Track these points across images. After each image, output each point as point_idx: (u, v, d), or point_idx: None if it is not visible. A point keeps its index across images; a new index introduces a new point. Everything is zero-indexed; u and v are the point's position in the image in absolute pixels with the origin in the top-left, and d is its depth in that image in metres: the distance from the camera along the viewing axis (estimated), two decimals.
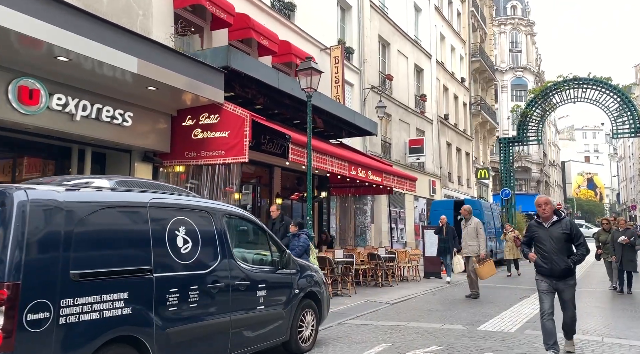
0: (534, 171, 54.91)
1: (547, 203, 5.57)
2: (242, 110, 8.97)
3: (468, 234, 10.64)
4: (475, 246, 10.51)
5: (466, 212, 10.90)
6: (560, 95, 22.79)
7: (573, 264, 5.46)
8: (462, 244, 10.84)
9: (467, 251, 10.64)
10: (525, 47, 59.78)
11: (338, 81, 16.24)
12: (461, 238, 11.00)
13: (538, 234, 5.62)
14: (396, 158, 21.71)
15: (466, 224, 10.83)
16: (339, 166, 10.62)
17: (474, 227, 10.63)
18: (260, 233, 5.66)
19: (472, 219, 10.84)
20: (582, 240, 5.51)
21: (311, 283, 6.12)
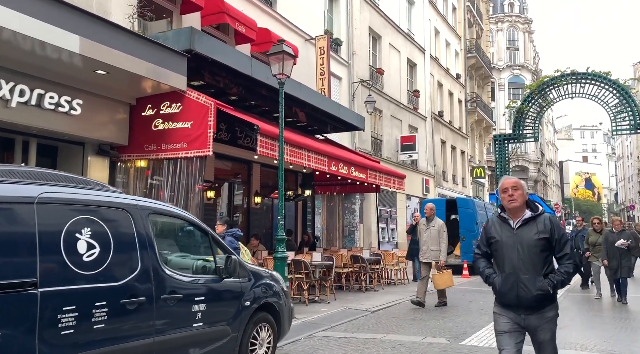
0: (531, 171, 54.17)
1: (516, 187, 3.49)
2: (207, 98, 8.12)
3: (431, 237, 9.31)
4: (437, 251, 9.28)
5: (429, 212, 9.56)
6: (558, 90, 21.97)
7: (553, 287, 3.37)
8: (423, 248, 9.45)
9: (428, 256, 9.35)
10: (522, 45, 59.06)
11: (324, 73, 15.40)
12: (421, 241, 9.60)
13: (499, 239, 3.51)
14: (387, 155, 20.89)
15: (428, 225, 9.45)
16: (317, 161, 9.77)
17: (438, 229, 9.30)
18: (200, 235, 4.81)
19: (436, 220, 9.50)
20: (569, 249, 3.48)
21: (268, 293, 5.28)
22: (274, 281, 5.50)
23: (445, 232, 9.39)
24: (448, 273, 9.53)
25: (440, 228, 9.30)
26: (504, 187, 3.53)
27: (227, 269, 4.63)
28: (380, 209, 19.87)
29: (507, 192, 3.50)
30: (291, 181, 14.87)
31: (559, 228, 3.49)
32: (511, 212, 3.52)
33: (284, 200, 8.43)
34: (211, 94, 10.59)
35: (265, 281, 5.33)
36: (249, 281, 5.03)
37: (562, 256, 3.45)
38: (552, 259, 3.49)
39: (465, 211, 16.19)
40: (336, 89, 17.81)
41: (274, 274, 5.68)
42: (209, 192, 11.20)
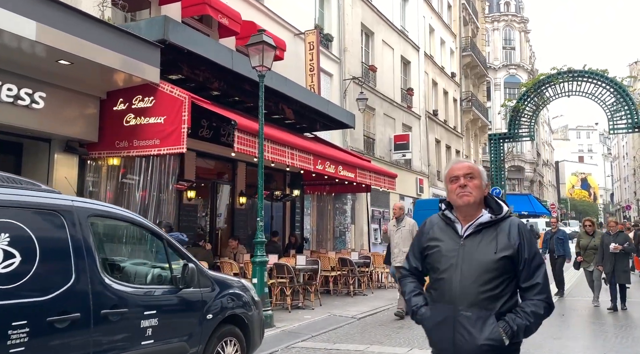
0: (527, 171, 53.82)
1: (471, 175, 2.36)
2: (181, 91, 7.60)
3: (402, 239, 8.39)
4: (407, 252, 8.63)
5: (398, 211, 8.70)
6: (554, 88, 21.50)
7: (511, 336, 2.21)
8: (395, 251, 8.54)
9: (401, 259, 8.20)
10: (518, 44, 58.66)
11: (313, 69, 14.89)
12: (392, 244, 8.72)
13: (438, 250, 2.38)
14: (380, 155, 20.40)
15: (398, 225, 8.57)
16: (301, 159, 9.26)
17: (409, 229, 8.42)
18: (154, 241, 4.29)
19: (406, 219, 8.67)
20: (542, 278, 2.28)
21: (235, 303, 4.77)
22: (243, 290, 4.99)
23: (413, 234, 8.45)
24: None
25: (412, 228, 8.43)
26: (453, 175, 2.38)
27: (183, 279, 4.12)
28: (372, 209, 19.38)
29: (458, 182, 2.34)
30: (279, 181, 14.37)
31: (530, 243, 2.28)
32: (460, 211, 2.36)
33: (263, 200, 7.92)
34: (191, 88, 10.07)
35: (233, 291, 4.82)
36: (212, 291, 4.52)
37: (531, 287, 2.25)
38: (514, 289, 2.30)
39: None
40: (327, 86, 17.31)
41: (244, 282, 5.16)
42: (189, 192, 10.68)
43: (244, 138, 7.71)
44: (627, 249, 9.26)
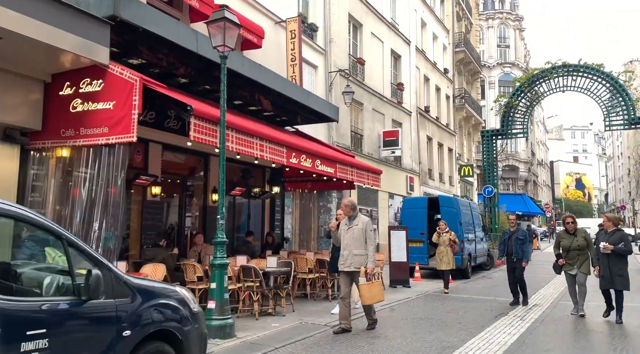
0: (521, 170, 53.23)
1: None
2: (133, 73, 6.78)
3: (353, 239, 7.32)
4: (363, 256, 7.30)
5: (349, 209, 7.51)
6: (549, 83, 20.80)
7: None
8: (344, 253, 7.39)
9: (351, 263, 7.30)
10: (513, 42, 58.09)
11: (295, 59, 14.10)
12: (342, 245, 7.50)
13: None
14: (368, 151, 19.64)
15: (350, 224, 7.44)
16: (272, 151, 8.45)
17: (362, 228, 7.36)
18: (52, 241, 3.48)
19: (359, 218, 7.53)
20: None
21: (165, 316, 3.98)
22: (178, 300, 4.18)
23: (372, 232, 7.48)
24: (377, 285, 7.55)
25: (365, 227, 7.37)
26: None
27: (87, 288, 3.31)
28: (360, 208, 18.61)
29: None
30: (258, 177, 13.58)
31: None
32: None
33: (224, 196, 7.12)
34: (156, 75, 9.26)
35: (164, 301, 4.02)
36: (133, 302, 3.72)
37: None
38: None
39: (448, 210, 14.95)
40: (311, 78, 16.53)
41: (181, 291, 4.34)
42: (153, 189, 9.86)
43: (202, 126, 6.90)
44: (619, 250, 7.92)
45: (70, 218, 6.98)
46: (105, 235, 6.48)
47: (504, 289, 12.95)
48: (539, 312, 9.26)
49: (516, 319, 8.53)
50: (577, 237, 8.67)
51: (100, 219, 6.80)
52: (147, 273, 7.45)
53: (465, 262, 15.09)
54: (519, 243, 9.85)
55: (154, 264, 7.78)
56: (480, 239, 17.29)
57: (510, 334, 7.26)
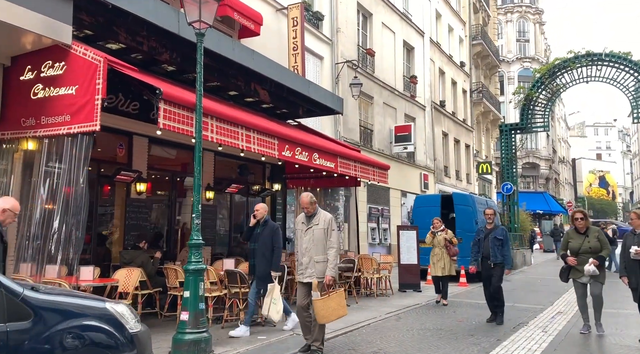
0: (542, 168, 51.51)
1: None
2: (97, 53, 6.01)
3: (314, 242, 5.80)
4: (323, 262, 5.75)
5: (307, 204, 5.94)
6: (571, 74, 19.57)
7: None
8: (303, 260, 5.88)
9: (312, 272, 5.76)
10: (533, 36, 56.37)
11: (297, 48, 13.25)
12: (300, 251, 6.00)
13: None
14: (379, 147, 18.69)
15: (309, 223, 5.92)
16: (261, 142, 7.60)
17: (323, 228, 5.82)
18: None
19: (320, 215, 5.93)
20: None
21: (83, 342, 3.15)
22: (107, 320, 3.35)
23: (335, 231, 5.89)
24: (336, 297, 5.70)
25: (328, 226, 5.85)
26: None
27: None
28: (370, 206, 17.71)
29: None
30: (257, 173, 12.75)
31: None
32: None
33: (200, 192, 6.29)
34: (138, 61, 8.53)
35: (84, 323, 3.20)
36: (34, 327, 2.90)
37: None
38: None
39: (463, 209, 13.93)
40: (316, 69, 15.66)
41: (111, 307, 3.50)
42: (138, 185, 9.09)
43: (174, 113, 6.08)
44: None
45: (30, 218, 6.24)
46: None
47: (524, 293, 11.94)
48: (563, 321, 8.24)
49: (537, 330, 7.55)
50: (589, 237, 6.95)
51: (61, 219, 6.04)
52: (118, 279, 6.68)
53: None
54: (497, 244, 7.89)
55: (128, 269, 7.00)
56: None
57: (530, 350, 6.29)
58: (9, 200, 4.82)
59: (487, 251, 7.98)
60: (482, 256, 8.05)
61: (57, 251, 5.93)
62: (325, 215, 5.97)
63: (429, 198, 15.57)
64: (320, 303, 5.60)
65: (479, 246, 8.12)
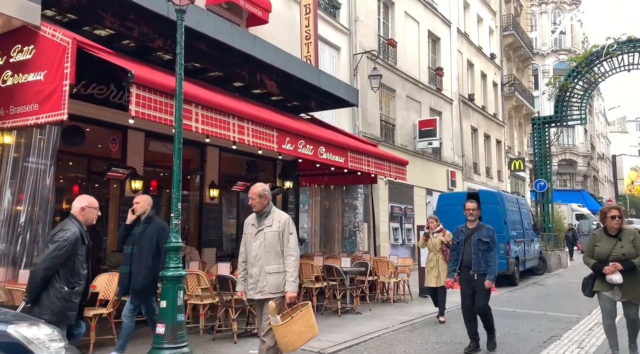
0: (580, 164, 49.23)
1: None
2: (66, 34, 5.41)
3: (266, 248, 4.67)
4: (277, 274, 4.64)
5: (254, 195, 4.76)
6: (611, 62, 18.18)
7: None
8: (253, 271, 4.72)
9: (264, 286, 4.62)
10: (569, 28, 54.08)
11: (309, 37, 12.50)
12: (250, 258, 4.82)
13: None
14: (402, 143, 17.76)
15: (260, 224, 4.76)
16: (257, 134, 6.88)
17: (277, 231, 4.70)
18: None
19: (274, 214, 4.79)
20: None
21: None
22: (4, 348, 2.65)
23: (293, 236, 4.73)
24: (304, 315, 4.47)
25: (284, 228, 4.69)
26: None
27: None
28: (391, 205, 16.82)
29: None
30: (268, 171, 12.08)
31: None
32: None
33: (180, 189, 5.60)
34: (131, 49, 7.97)
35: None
36: None
37: None
38: None
39: (490, 207, 12.85)
40: (333, 60, 14.89)
41: (13, 332, 2.79)
42: (133, 183, 8.52)
43: (149, 99, 5.41)
44: None
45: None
46: None
47: (559, 300, 10.88)
48: (602, 335, 7.22)
49: (572, 346, 6.60)
50: (623, 241, 5.30)
51: (27, 218, 5.46)
52: (96, 285, 6.07)
53: (512, 267, 13.02)
54: (481, 249, 6.03)
55: (111, 274, 6.40)
56: (531, 240, 15.10)
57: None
58: (85, 197, 4.63)
59: (468, 257, 6.10)
60: (462, 265, 6.16)
61: (23, 251, 5.37)
62: (281, 215, 4.82)
63: (453, 196, 14.57)
64: (282, 330, 4.37)
65: (458, 252, 6.23)
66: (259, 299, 4.70)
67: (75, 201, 4.56)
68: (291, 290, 4.60)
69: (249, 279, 4.79)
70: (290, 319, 4.39)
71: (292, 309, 4.52)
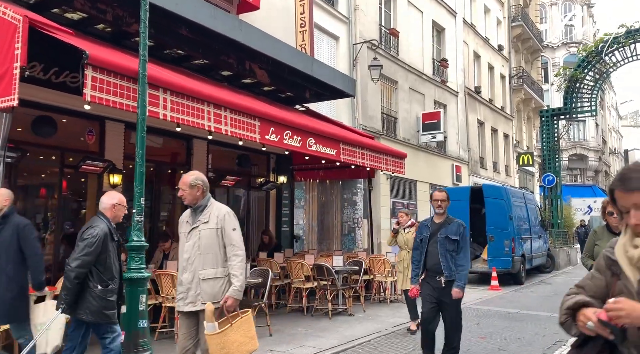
0: (591, 159, 48.29)
1: None
2: (17, 11, 4.92)
3: (199, 249, 3.88)
4: (214, 280, 3.85)
5: (185, 185, 4.00)
6: (622, 52, 17.45)
7: None
8: (183, 277, 3.92)
9: (197, 294, 3.84)
10: (580, 20, 52.97)
11: (304, 25, 11.95)
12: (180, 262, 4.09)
13: None
14: (404, 136, 17.17)
15: (195, 221, 3.96)
16: (237, 123, 6.36)
17: (215, 228, 3.89)
18: None
19: (211, 207, 3.98)
20: None
21: None
22: None
23: (236, 232, 3.90)
24: (245, 323, 3.78)
25: (224, 223, 3.88)
26: None
27: None
28: (393, 201, 16.26)
29: None
30: (261, 165, 11.56)
31: None
32: None
33: (143, 182, 5.11)
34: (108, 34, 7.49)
35: None
36: None
37: None
38: None
39: (495, 202, 12.32)
40: (331, 50, 14.33)
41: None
42: (112, 177, 8.04)
43: (107, 82, 4.91)
44: None
45: None
46: None
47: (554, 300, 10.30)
48: None
49: None
50: None
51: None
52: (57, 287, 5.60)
53: (518, 264, 12.44)
54: (448, 250, 4.81)
55: None
56: (538, 237, 14.50)
57: None
58: (115, 194, 4.65)
59: (434, 260, 4.87)
60: (426, 268, 4.97)
61: None
62: (220, 208, 3.97)
63: (457, 191, 14.00)
64: (218, 339, 3.57)
65: (421, 253, 5.01)
66: (189, 312, 3.83)
67: (105, 198, 4.52)
68: (234, 296, 3.74)
69: (178, 287, 3.97)
70: (230, 327, 3.61)
71: (232, 316, 3.75)
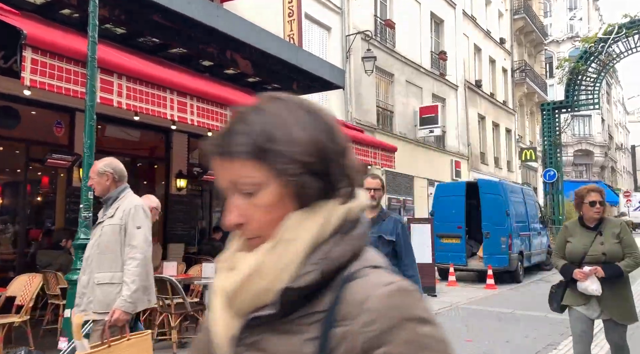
0: (597, 155, 47.59)
1: None
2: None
3: (99, 247, 3.32)
4: (109, 285, 3.26)
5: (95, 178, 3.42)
6: (626, 42, 16.90)
7: None
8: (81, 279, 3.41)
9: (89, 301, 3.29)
10: (586, 13, 52.20)
11: (292, 14, 11.54)
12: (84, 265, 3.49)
13: None
14: (401, 131, 16.74)
15: (103, 214, 3.41)
16: (205, 113, 5.98)
17: (119, 223, 3.31)
18: None
19: (123, 199, 3.38)
20: None
21: None
22: None
23: (141, 231, 3.31)
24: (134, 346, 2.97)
25: (128, 219, 3.31)
26: None
27: None
28: (389, 197, 15.83)
29: None
30: None
31: None
32: None
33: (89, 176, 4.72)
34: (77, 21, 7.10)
35: None
36: None
37: None
38: None
39: (492, 198, 11.86)
40: (323, 42, 13.90)
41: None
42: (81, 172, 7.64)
43: (50, 65, 4.53)
44: None
45: None
46: None
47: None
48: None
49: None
50: (604, 235, 3.76)
51: None
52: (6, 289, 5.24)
53: (515, 262, 11.98)
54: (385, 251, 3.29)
55: (31, 275, 5.56)
56: (537, 233, 14.03)
57: None
58: (153, 198, 4.50)
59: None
60: None
61: None
62: (130, 201, 3.36)
63: (452, 186, 13.56)
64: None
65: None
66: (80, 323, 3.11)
67: (145, 200, 4.14)
68: (122, 309, 3.10)
69: (77, 295, 3.43)
70: (106, 349, 2.77)
71: (118, 338, 2.99)
